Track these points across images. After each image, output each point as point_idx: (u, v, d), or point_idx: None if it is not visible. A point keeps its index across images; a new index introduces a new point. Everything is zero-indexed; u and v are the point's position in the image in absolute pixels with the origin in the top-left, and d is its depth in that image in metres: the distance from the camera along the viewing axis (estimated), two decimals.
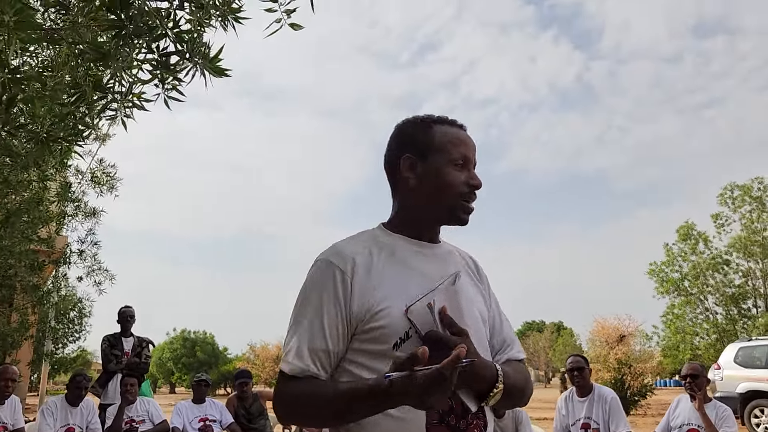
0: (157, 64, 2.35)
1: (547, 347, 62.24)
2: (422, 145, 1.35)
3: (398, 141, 1.40)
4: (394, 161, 1.38)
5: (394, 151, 1.38)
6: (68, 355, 16.12)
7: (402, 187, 1.37)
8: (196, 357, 44.62)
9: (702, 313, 22.89)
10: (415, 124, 1.39)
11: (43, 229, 7.74)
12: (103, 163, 8.20)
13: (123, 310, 6.48)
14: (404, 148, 1.37)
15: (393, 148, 1.39)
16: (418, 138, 1.36)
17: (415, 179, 1.34)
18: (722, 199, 23.28)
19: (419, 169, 1.34)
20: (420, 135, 1.36)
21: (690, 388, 4.61)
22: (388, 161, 1.39)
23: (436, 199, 1.33)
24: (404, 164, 1.36)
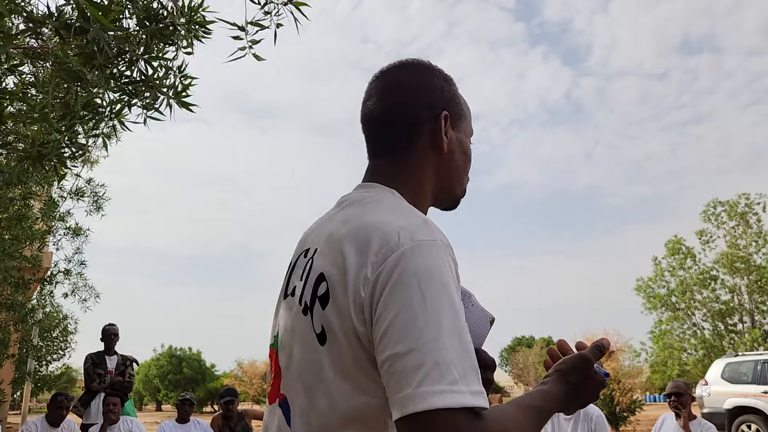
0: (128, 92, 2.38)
1: (536, 363, 62.16)
2: (455, 108, 1.09)
3: (438, 87, 1.08)
4: (423, 113, 1.05)
5: (425, 99, 1.06)
6: (52, 373, 15.88)
7: (436, 149, 1.05)
8: (183, 374, 44.13)
9: (689, 328, 23.00)
10: (447, 79, 1.11)
11: (28, 247, 7.67)
12: (92, 183, 8.18)
13: (106, 327, 6.42)
14: (441, 103, 1.07)
15: (424, 95, 1.06)
16: (452, 97, 1.10)
17: (447, 146, 1.06)
18: (705, 215, 23.51)
19: (451, 136, 1.07)
20: (452, 94, 1.10)
21: (674, 406, 4.63)
22: (411, 107, 1.05)
23: (454, 180, 1.10)
24: (444, 123, 1.06)
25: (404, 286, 0.83)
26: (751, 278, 21.85)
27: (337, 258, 0.90)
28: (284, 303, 1.03)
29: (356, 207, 0.99)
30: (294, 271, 1.03)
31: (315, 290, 0.92)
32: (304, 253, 1.02)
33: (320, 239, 0.98)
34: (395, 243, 0.86)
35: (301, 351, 0.93)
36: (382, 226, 0.89)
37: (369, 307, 0.85)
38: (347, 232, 0.92)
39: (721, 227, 23.17)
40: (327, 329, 0.89)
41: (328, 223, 1.01)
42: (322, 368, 0.89)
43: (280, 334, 1.01)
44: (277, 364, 0.99)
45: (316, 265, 0.95)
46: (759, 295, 21.85)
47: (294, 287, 1.00)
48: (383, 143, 1.07)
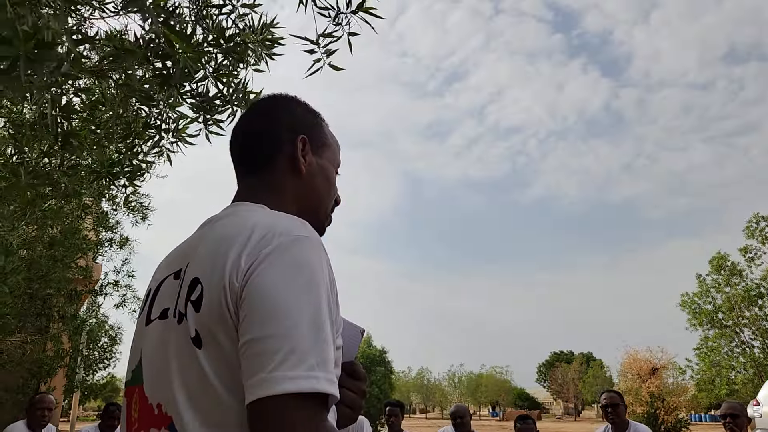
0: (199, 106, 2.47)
1: (576, 379, 60.94)
2: (317, 135, 1.16)
3: (298, 116, 1.15)
4: (283, 136, 1.11)
5: (286, 125, 1.12)
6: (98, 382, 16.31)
7: (294, 170, 1.11)
8: None
9: (738, 346, 22.26)
10: (309, 110, 1.18)
11: (81, 259, 7.94)
12: (136, 194, 8.45)
13: None
14: (300, 128, 1.13)
15: (284, 121, 1.13)
16: (314, 125, 1.16)
17: (306, 168, 1.11)
18: (749, 231, 22.78)
19: (311, 160, 1.12)
20: (315, 123, 1.17)
21: (730, 428, 4.51)
22: (274, 133, 1.11)
23: (315, 202, 1.13)
24: (302, 146, 1.12)
25: (274, 274, 0.84)
26: None
27: (213, 259, 0.90)
28: (148, 329, 0.99)
29: (228, 218, 1.01)
30: (160, 294, 1.01)
31: (189, 295, 0.91)
32: (173, 275, 0.99)
33: (192, 255, 0.97)
34: (272, 236, 0.88)
35: (179, 363, 0.89)
36: (262, 223, 0.91)
37: (239, 294, 0.85)
38: (223, 235, 0.93)
39: (766, 243, 22.44)
40: (201, 332, 0.87)
41: (197, 240, 1.00)
42: (204, 373, 0.86)
43: (145, 362, 0.97)
44: (143, 395, 0.95)
45: (188, 274, 0.94)
46: None
47: (164, 309, 0.97)
48: (247, 164, 1.12)
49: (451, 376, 68.24)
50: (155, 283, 1.04)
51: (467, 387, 66.45)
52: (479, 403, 68.70)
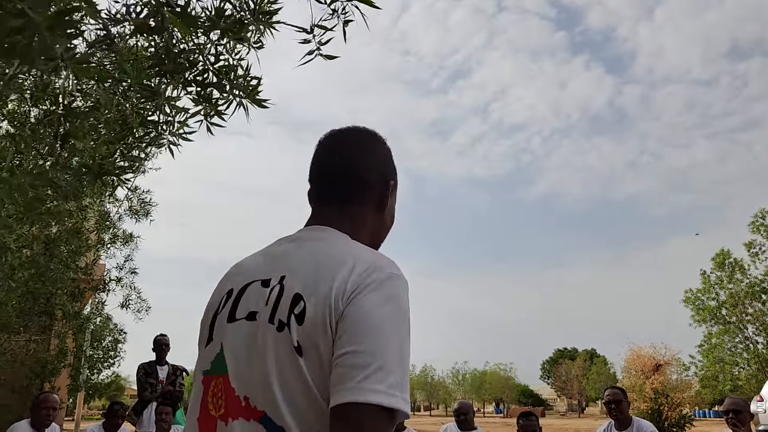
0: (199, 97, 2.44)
1: (580, 375, 60.90)
2: (396, 179, 1.29)
3: (389, 159, 1.27)
4: (377, 177, 1.22)
5: (380, 166, 1.24)
6: (102, 381, 16.37)
7: (379, 209, 1.23)
8: None
9: (741, 342, 22.21)
10: (390, 150, 1.29)
11: (83, 258, 7.96)
12: (137, 191, 8.44)
13: (158, 338, 6.60)
14: (389, 172, 1.26)
15: (379, 162, 1.24)
16: (395, 169, 1.30)
17: (386, 207, 1.24)
18: (754, 226, 22.70)
19: (389, 201, 1.25)
20: (395, 166, 1.30)
21: (732, 424, 4.50)
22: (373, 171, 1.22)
23: (383, 236, 1.28)
24: (392, 189, 1.25)
25: (374, 302, 0.97)
26: None
27: (316, 280, 1.02)
28: (231, 326, 1.09)
29: (323, 242, 1.12)
30: (245, 296, 1.10)
31: (292, 308, 1.01)
32: (261, 282, 1.10)
33: (286, 269, 1.08)
34: (373, 269, 1.01)
35: (279, 367, 0.99)
36: (363, 256, 1.05)
37: (341, 315, 0.97)
38: (327, 257, 1.05)
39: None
40: (303, 342, 0.98)
41: (285, 256, 1.11)
42: (305, 377, 0.96)
43: (229, 353, 1.07)
44: (229, 386, 1.04)
45: (288, 287, 1.04)
46: None
47: (253, 311, 1.06)
48: (338, 194, 1.20)
49: (455, 373, 68.31)
50: (237, 285, 1.14)
51: (471, 384, 66.48)
52: (483, 400, 68.72)
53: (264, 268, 1.12)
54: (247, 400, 1.01)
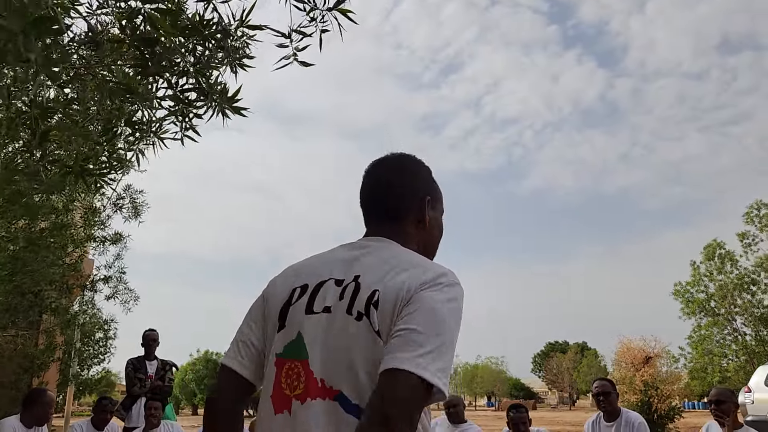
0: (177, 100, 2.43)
1: (570, 368, 61.23)
2: (434, 194, 1.47)
3: (424, 178, 1.46)
4: (415, 196, 1.41)
5: (420, 185, 1.44)
6: (93, 377, 16.29)
7: (420, 224, 1.41)
8: None
9: (730, 334, 22.39)
10: (430, 170, 1.50)
11: (71, 254, 7.89)
12: (129, 190, 8.33)
13: (147, 333, 6.57)
14: (426, 189, 1.44)
15: (417, 183, 1.43)
16: (433, 185, 1.48)
17: (428, 222, 1.42)
18: (749, 217, 22.85)
19: (431, 215, 1.43)
20: (433, 182, 1.49)
21: (717, 415, 4.51)
22: (408, 193, 1.41)
23: (432, 248, 1.46)
24: (427, 205, 1.42)
25: (441, 297, 1.16)
26: None
27: (385, 277, 1.20)
28: (309, 317, 1.24)
29: (386, 249, 1.31)
30: (321, 293, 1.27)
31: (369, 300, 1.18)
32: (335, 281, 1.27)
33: (360, 269, 1.26)
34: (443, 276, 1.20)
35: (360, 350, 1.16)
36: (428, 264, 1.24)
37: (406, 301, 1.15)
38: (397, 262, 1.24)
39: (764, 230, 22.53)
40: (380, 328, 1.15)
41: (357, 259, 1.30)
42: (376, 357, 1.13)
43: (308, 340, 1.22)
44: (308, 369, 1.19)
45: (365, 285, 1.22)
46: None
47: (328, 305, 1.23)
48: (387, 213, 1.41)
49: None
50: (312, 281, 1.30)
51: (463, 378, 66.68)
52: (475, 394, 68.97)
53: (335, 270, 1.29)
54: (323, 381, 1.17)
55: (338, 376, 1.16)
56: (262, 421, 1.25)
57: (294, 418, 1.18)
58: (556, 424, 26.51)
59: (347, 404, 1.13)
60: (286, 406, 1.20)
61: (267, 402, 1.24)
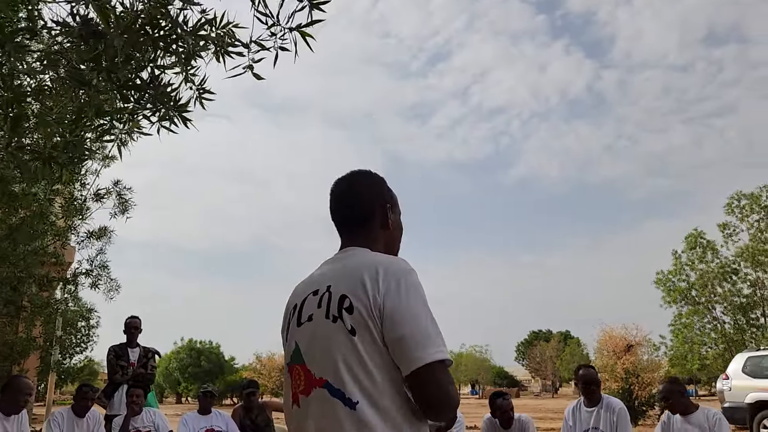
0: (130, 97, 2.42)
1: (554, 357, 61.86)
2: (391, 200, 1.71)
3: (379, 188, 1.71)
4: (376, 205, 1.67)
5: (377, 195, 1.69)
6: (75, 365, 16.16)
7: (384, 227, 1.67)
8: (202, 367, 44.60)
9: (710, 322, 22.71)
10: (384, 181, 1.75)
11: (51, 245, 7.78)
12: (118, 185, 8.18)
13: (129, 320, 6.52)
14: (384, 198, 1.70)
15: (374, 194, 1.69)
16: (389, 193, 1.73)
17: (391, 224, 1.68)
18: (729, 208, 23.14)
19: (392, 218, 1.69)
20: (389, 191, 1.73)
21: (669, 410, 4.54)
22: (369, 202, 1.67)
23: (395, 244, 1.72)
24: (389, 209, 1.69)
25: (407, 293, 1.42)
26: None
27: (355, 282, 1.45)
28: (300, 328, 1.53)
29: (351, 257, 1.56)
30: (304, 306, 1.55)
31: (341, 305, 1.45)
32: (313, 293, 1.55)
33: (330, 280, 1.52)
34: (395, 269, 1.46)
35: (337, 346, 1.42)
36: (382, 261, 1.49)
37: (381, 306, 1.40)
38: (357, 267, 1.48)
39: (744, 220, 22.83)
40: (355, 326, 1.41)
41: (329, 271, 1.56)
42: (358, 351, 1.39)
43: (302, 347, 1.51)
44: (306, 370, 1.48)
45: (335, 292, 1.48)
46: None
47: (310, 314, 1.52)
48: (351, 222, 1.67)
49: None
50: (299, 300, 1.58)
51: None
52: (459, 382, 69.48)
53: (313, 284, 1.57)
54: (314, 375, 1.45)
55: (324, 369, 1.44)
56: (286, 413, 1.57)
57: (301, 408, 1.48)
58: (539, 411, 26.80)
59: (332, 390, 1.40)
60: (296, 400, 1.51)
61: (288, 399, 1.54)
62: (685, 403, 4.41)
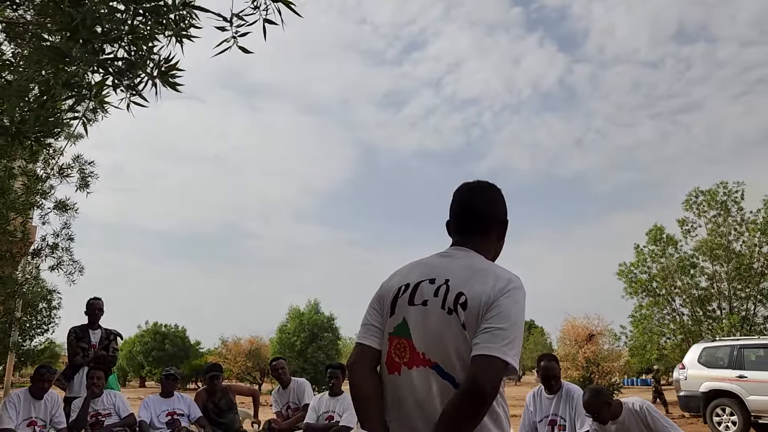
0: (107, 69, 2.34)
1: None
2: (506, 216, 1.94)
3: (503, 204, 1.94)
4: (499, 219, 1.91)
5: (501, 211, 1.92)
6: (35, 347, 15.85)
7: (499, 240, 1.92)
8: (166, 350, 44.12)
9: (669, 314, 23.32)
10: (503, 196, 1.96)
11: (13, 221, 7.59)
12: (79, 160, 8.02)
13: (91, 302, 6.41)
14: (505, 214, 1.93)
15: (501, 208, 1.93)
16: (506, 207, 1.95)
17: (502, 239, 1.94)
18: (687, 204, 23.73)
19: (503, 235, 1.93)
20: (505, 203, 1.95)
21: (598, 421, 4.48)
22: (495, 215, 1.90)
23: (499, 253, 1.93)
24: (505, 227, 1.94)
25: (511, 302, 1.63)
26: (731, 266, 22.18)
27: (471, 283, 1.67)
28: (411, 308, 1.73)
29: (469, 258, 1.78)
30: (419, 290, 1.75)
31: (457, 300, 1.67)
32: (429, 280, 1.75)
33: (449, 274, 1.73)
34: (511, 283, 1.67)
35: (450, 336, 1.65)
36: (501, 274, 1.70)
37: (490, 305, 1.62)
38: (479, 270, 1.71)
39: (702, 216, 23.43)
40: (467, 321, 1.63)
41: (448, 264, 1.77)
42: (467, 343, 1.62)
43: (411, 324, 1.72)
44: (411, 345, 1.70)
45: (453, 286, 1.69)
46: (738, 282, 22.20)
47: (425, 299, 1.72)
48: (474, 227, 1.87)
49: None
50: (412, 281, 1.78)
51: None
52: None
53: (429, 272, 1.77)
54: (424, 354, 1.67)
55: (434, 352, 1.66)
56: (382, 377, 1.77)
57: (402, 378, 1.70)
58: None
59: (442, 372, 1.64)
60: (396, 369, 1.72)
61: (383, 366, 1.77)
62: (612, 411, 4.41)
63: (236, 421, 6.43)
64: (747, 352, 12.16)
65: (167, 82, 2.38)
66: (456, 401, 1.56)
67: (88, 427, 5.50)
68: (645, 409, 4.34)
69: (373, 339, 1.79)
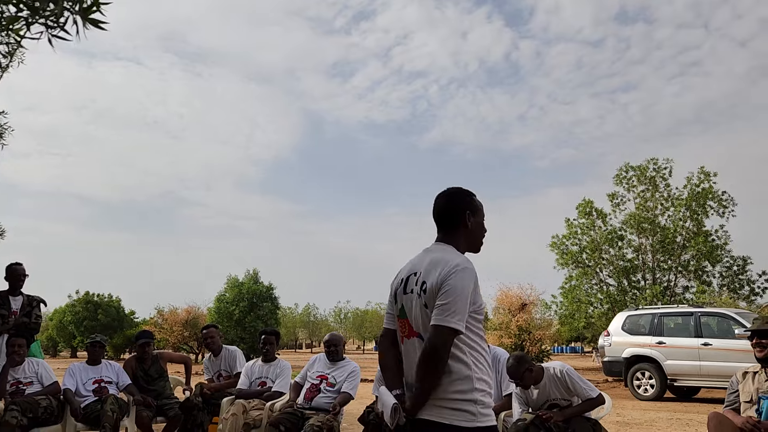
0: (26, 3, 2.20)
1: None
2: (474, 208, 2.40)
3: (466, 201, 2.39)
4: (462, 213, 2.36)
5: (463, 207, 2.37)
6: None
7: (466, 228, 2.37)
8: (99, 320, 42.92)
9: (597, 284, 24.35)
10: (470, 193, 2.43)
11: None
12: None
13: (12, 266, 6.12)
14: (468, 207, 2.38)
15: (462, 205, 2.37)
16: (473, 202, 2.41)
17: (471, 225, 2.37)
18: (618, 179, 24.66)
19: (472, 220, 2.37)
20: (474, 201, 2.41)
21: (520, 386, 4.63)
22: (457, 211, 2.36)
23: (476, 242, 2.42)
24: (470, 216, 2.37)
25: (455, 281, 2.14)
26: (656, 238, 23.29)
27: (431, 272, 2.22)
28: (405, 296, 2.34)
29: (437, 252, 2.30)
30: (408, 282, 2.33)
31: (422, 288, 2.24)
32: (413, 273, 2.32)
33: (422, 266, 2.29)
34: (456, 266, 2.18)
35: (420, 314, 2.23)
36: (449, 259, 2.21)
37: (438, 288, 2.16)
38: (434, 262, 2.24)
39: (631, 190, 24.42)
40: (426, 303, 2.20)
41: (426, 258, 2.31)
42: (428, 318, 2.18)
43: (406, 308, 2.32)
44: (408, 323, 2.31)
45: (421, 277, 2.26)
46: (661, 254, 23.36)
47: (411, 289, 2.30)
48: (444, 225, 2.39)
49: (338, 312, 69.77)
50: (404, 276, 2.38)
51: (353, 323, 68.28)
52: (363, 338, 71.04)
53: (414, 268, 2.34)
54: (414, 328, 2.28)
55: (418, 327, 2.25)
56: (399, 348, 2.39)
57: (405, 346, 2.33)
58: None
59: (422, 340, 2.21)
60: (402, 341, 2.36)
61: (399, 340, 2.38)
62: (534, 376, 4.58)
63: (167, 388, 6.34)
64: (666, 320, 12.86)
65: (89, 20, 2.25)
66: (421, 357, 2.14)
67: (8, 396, 5.31)
68: (565, 372, 4.53)
69: (391, 323, 2.43)
